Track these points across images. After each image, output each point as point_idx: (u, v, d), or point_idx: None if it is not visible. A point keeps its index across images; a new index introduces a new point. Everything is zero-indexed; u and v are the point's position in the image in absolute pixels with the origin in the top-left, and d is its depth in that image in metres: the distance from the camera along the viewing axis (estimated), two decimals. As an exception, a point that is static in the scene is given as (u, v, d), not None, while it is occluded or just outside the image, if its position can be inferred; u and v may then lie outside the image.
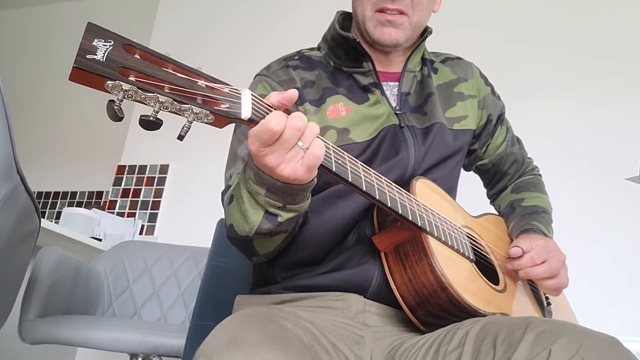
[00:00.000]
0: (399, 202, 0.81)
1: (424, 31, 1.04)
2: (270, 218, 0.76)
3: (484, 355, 0.68)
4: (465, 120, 1.06)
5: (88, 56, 0.49)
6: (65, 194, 3.55)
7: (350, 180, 0.73)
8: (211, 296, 1.26)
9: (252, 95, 0.64)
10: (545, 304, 1.06)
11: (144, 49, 0.54)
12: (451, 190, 1.04)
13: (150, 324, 1.59)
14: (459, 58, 1.15)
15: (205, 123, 0.58)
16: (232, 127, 0.93)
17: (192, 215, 2.65)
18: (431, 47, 1.13)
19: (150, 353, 1.51)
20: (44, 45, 4.05)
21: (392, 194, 0.81)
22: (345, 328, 0.85)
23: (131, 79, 0.51)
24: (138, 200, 2.82)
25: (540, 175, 1.24)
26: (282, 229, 0.78)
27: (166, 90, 0.53)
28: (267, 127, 0.63)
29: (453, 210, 0.99)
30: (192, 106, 0.55)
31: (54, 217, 3.40)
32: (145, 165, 2.88)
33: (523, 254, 0.95)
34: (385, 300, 0.88)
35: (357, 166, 0.77)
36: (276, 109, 0.67)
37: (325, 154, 0.70)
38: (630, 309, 1.96)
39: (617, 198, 2.12)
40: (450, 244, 0.88)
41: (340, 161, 0.74)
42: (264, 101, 0.67)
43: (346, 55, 1.01)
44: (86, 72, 0.49)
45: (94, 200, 3.41)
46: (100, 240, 2.44)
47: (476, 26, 2.56)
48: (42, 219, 1.33)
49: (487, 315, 0.82)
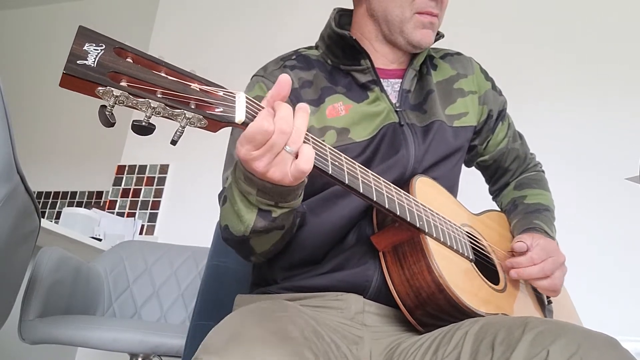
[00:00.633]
0: (397, 203, 0.81)
1: None
2: (264, 215, 0.75)
3: (482, 355, 0.68)
4: (466, 117, 1.05)
5: (78, 61, 0.48)
6: (65, 194, 3.55)
7: (347, 182, 0.73)
8: (211, 296, 1.26)
9: (247, 98, 0.63)
10: (546, 303, 1.06)
11: (136, 52, 0.53)
12: (452, 188, 1.03)
13: (150, 324, 1.60)
14: (458, 53, 1.14)
15: (199, 128, 0.57)
16: (230, 128, 0.93)
17: (192, 215, 2.65)
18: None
19: (150, 353, 1.51)
20: (44, 45, 4.04)
21: (390, 195, 0.80)
22: (344, 328, 0.85)
23: (123, 84, 0.51)
24: (138, 200, 2.82)
25: (543, 172, 1.23)
26: (278, 224, 0.78)
27: (159, 95, 0.52)
28: (261, 128, 0.62)
29: (454, 208, 0.98)
30: (185, 111, 0.54)
31: (54, 217, 3.40)
32: (145, 165, 2.88)
33: (527, 250, 0.94)
34: (385, 300, 0.88)
35: (355, 168, 0.76)
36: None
37: (322, 156, 0.70)
38: (630, 309, 1.96)
39: (617, 198, 2.12)
40: (449, 244, 0.87)
41: (337, 163, 0.73)
42: (259, 104, 0.66)
43: (343, 53, 1.00)
44: (76, 78, 0.48)
45: (94, 200, 3.41)
46: (100, 240, 2.44)
47: (476, 26, 2.55)
48: (42, 219, 1.33)
49: (486, 316, 0.82)
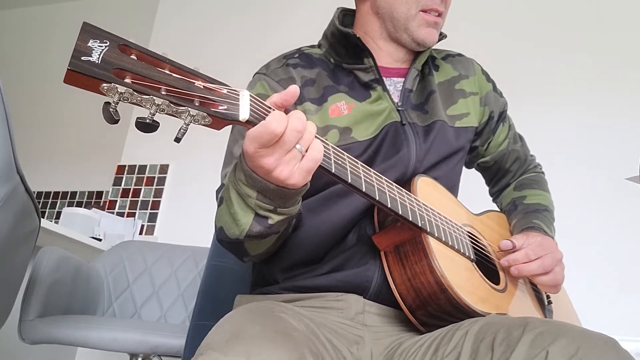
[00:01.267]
0: (399, 203, 0.81)
1: None
2: (261, 220, 0.75)
3: (482, 356, 0.68)
4: (467, 118, 1.05)
5: (83, 58, 0.48)
6: (65, 194, 3.54)
7: (349, 181, 0.73)
8: (211, 296, 1.26)
9: (251, 96, 0.63)
10: (546, 303, 1.06)
11: (140, 49, 0.53)
12: (453, 188, 1.03)
13: (150, 324, 1.59)
14: (460, 55, 1.14)
15: (203, 125, 0.57)
16: (230, 126, 0.93)
17: (192, 215, 2.65)
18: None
19: (150, 353, 1.51)
20: (44, 45, 4.04)
21: (393, 194, 0.80)
22: (344, 328, 0.84)
23: (127, 80, 0.50)
24: (138, 200, 2.82)
25: (543, 173, 1.23)
26: (273, 230, 0.77)
27: (163, 92, 0.52)
28: (269, 129, 0.62)
29: (455, 208, 0.99)
30: (189, 108, 0.54)
31: (54, 217, 3.39)
32: (145, 165, 2.88)
33: (514, 248, 0.94)
34: (385, 300, 0.88)
35: (357, 167, 0.76)
36: (278, 108, 0.66)
37: (325, 155, 0.69)
38: (630, 309, 1.96)
39: (617, 198, 2.12)
40: (450, 243, 0.87)
41: (340, 162, 0.73)
42: (263, 102, 0.65)
43: (346, 52, 1.00)
44: (81, 75, 0.48)
45: (94, 200, 3.40)
46: (100, 240, 2.44)
47: (476, 26, 2.56)
48: (42, 219, 1.33)
49: (486, 316, 0.82)
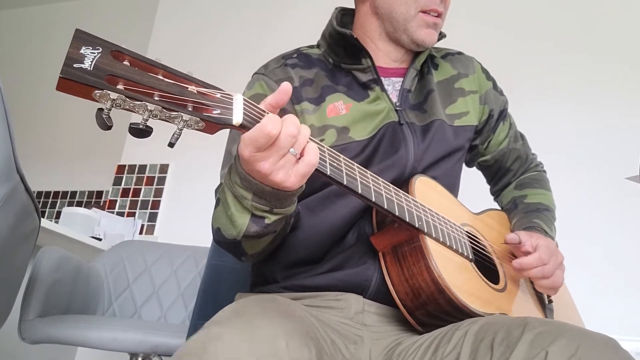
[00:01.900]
0: (396, 204, 0.80)
1: None
2: (257, 221, 0.75)
3: (481, 355, 0.68)
4: (466, 117, 1.05)
5: (75, 65, 0.48)
6: (65, 194, 3.54)
7: (345, 183, 0.73)
8: (211, 295, 1.26)
9: (245, 100, 0.63)
10: (546, 302, 1.05)
11: (133, 55, 0.53)
12: (453, 187, 1.03)
13: (150, 324, 1.60)
14: (459, 53, 1.14)
15: (196, 130, 0.57)
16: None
17: (192, 215, 2.64)
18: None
19: (150, 352, 1.51)
20: (44, 45, 4.04)
21: (389, 196, 0.80)
22: (344, 328, 0.85)
23: (119, 87, 0.50)
24: (138, 200, 2.82)
25: (545, 172, 1.22)
26: (270, 230, 0.78)
27: (155, 98, 0.52)
28: (264, 131, 0.62)
29: (454, 208, 0.98)
30: (182, 114, 0.54)
31: (54, 217, 3.39)
32: (145, 165, 2.88)
33: (520, 243, 0.94)
34: (385, 300, 0.88)
35: (353, 168, 0.76)
36: (273, 108, 0.66)
37: (320, 157, 0.69)
38: (630, 309, 1.95)
39: (617, 198, 2.11)
40: (448, 244, 0.87)
41: (335, 164, 0.73)
42: (257, 106, 0.65)
43: (345, 52, 1.00)
44: (73, 82, 0.48)
45: (94, 199, 3.40)
46: (100, 239, 2.44)
47: (475, 25, 2.55)
48: (42, 219, 1.33)
49: (486, 316, 0.82)
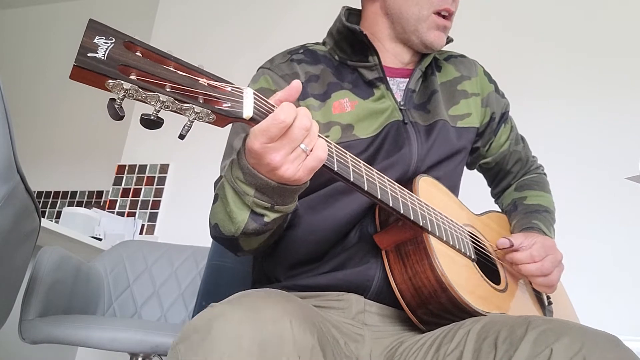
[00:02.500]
0: (401, 202, 0.81)
1: None
2: (257, 218, 0.75)
3: (485, 354, 0.68)
4: (469, 118, 1.05)
5: (89, 54, 0.48)
6: (65, 194, 3.54)
7: (352, 180, 0.73)
8: (211, 295, 1.26)
9: (255, 93, 0.63)
10: (546, 303, 1.06)
11: (145, 46, 0.53)
12: (454, 188, 1.03)
13: (151, 324, 1.59)
14: (462, 56, 1.14)
15: (207, 122, 0.57)
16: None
17: (192, 215, 2.64)
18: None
19: (150, 352, 1.51)
20: (44, 45, 4.04)
21: (394, 193, 0.80)
22: (346, 327, 0.85)
23: (132, 77, 0.51)
24: (138, 200, 2.81)
25: (545, 174, 1.23)
26: (269, 228, 0.77)
27: (167, 89, 0.52)
28: (277, 119, 0.62)
29: (456, 208, 0.99)
30: (194, 105, 0.54)
31: (54, 217, 3.39)
32: (145, 165, 2.87)
33: (512, 247, 0.94)
34: (386, 300, 0.88)
35: (359, 165, 0.77)
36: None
37: (328, 153, 0.70)
38: (630, 309, 1.96)
39: (618, 197, 2.11)
40: (451, 243, 0.87)
41: (342, 160, 0.73)
42: (267, 100, 0.66)
43: (352, 49, 1.00)
44: (87, 71, 0.48)
45: (94, 199, 3.40)
46: (100, 239, 2.44)
47: (474, 24, 2.55)
48: (42, 219, 1.33)
49: (488, 315, 0.82)
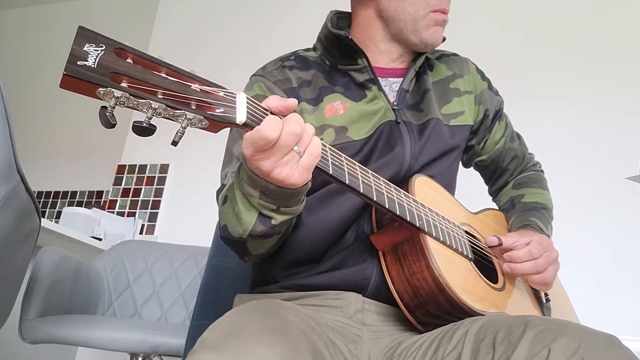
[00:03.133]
0: (397, 203, 0.81)
1: None
2: (264, 220, 0.75)
3: (483, 354, 0.68)
4: (462, 116, 1.06)
5: (79, 62, 0.48)
6: (65, 194, 3.55)
7: (347, 182, 0.73)
8: (211, 295, 1.26)
9: (248, 98, 0.63)
10: (544, 301, 1.06)
11: (136, 52, 0.53)
12: (449, 187, 1.04)
13: (151, 324, 1.60)
14: (454, 54, 1.15)
15: (199, 128, 0.57)
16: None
17: (192, 215, 2.65)
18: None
19: (150, 352, 1.51)
20: (44, 45, 4.04)
21: (390, 195, 0.80)
22: (344, 327, 0.85)
23: (123, 85, 0.50)
24: (138, 200, 2.82)
25: (542, 172, 1.23)
26: (276, 231, 0.78)
27: (159, 96, 0.52)
28: (262, 135, 0.62)
29: (452, 207, 0.99)
30: (186, 112, 0.54)
31: (54, 217, 3.40)
32: (146, 165, 2.88)
33: (501, 245, 0.94)
34: (385, 299, 0.88)
35: (355, 167, 0.77)
36: (273, 113, 0.67)
37: (322, 156, 0.70)
38: (630, 309, 1.95)
39: (618, 197, 2.11)
40: (448, 243, 0.87)
41: (337, 163, 0.73)
42: (260, 105, 0.66)
43: (340, 54, 1.01)
44: (77, 79, 0.48)
45: (94, 199, 3.40)
46: (100, 239, 2.44)
47: (474, 22, 2.55)
48: (42, 219, 1.33)
49: (486, 315, 0.82)
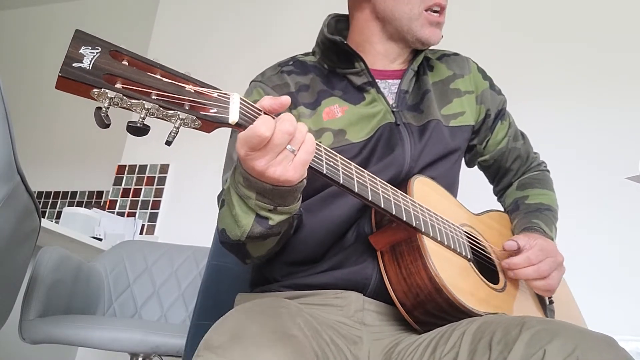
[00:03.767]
0: (393, 203, 0.81)
1: None
2: (262, 221, 0.76)
3: (480, 355, 0.68)
4: (463, 117, 1.05)
5: (74, 64, 0.49)
6: (65, 194, 3.55)
7: (341, 182, 0.73)
8: (211, 296, 1.26)
9: (241, 99, 0.64)
10: (547, 303, 1.05)
11: (131, 55, 0.54)
12: (451, 188, 1.03)
13: (151, 324, 1.60)
14: (455, 54, 1.14)
15: (193, 128, 0.57)
16: (230, 130, 0.94)
17: (193, 215, 2.65)
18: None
19: (150, 352, 1.52)
20: (44, 45, 4.05)
21: (387, 195, 0.81)
22: (343, 328, 0.85)
23: (117, 86, 0.51)
24: (138, 200, 2.82)
25: (548, 171, 1.21)
26: (274, 231, 0.78)
27: (153, 97, 0.53)
28: (256, 133, 0.63)
29: (453, 208, 0.99)
30: (179, 112, 0.55)
31: (54, 217, 3.41)
32: (146, 165, 2.88)
33: (520, 250, 0.93)
34: (385, 298, 0.88)
35: (350, 168, 0.77)
36: (267, 113, 0.67)
37: (316, 156, 0.70)
38: (631, 309, 1.95)
39: (617, 196, 2.11)
40: (446, 243, 0.87)
41: (331, 163, 0.73)
42: (254, 105, 0.66)
43: (338, 58, 1.01)
44: (72, 81, 0.48)
45: (94, 200, 3.41)
46: (100, 239, 2.45)
47: (474, 22, 2.55)
48: (43, 219, 1.34)
49: (484, 315, 0.82)
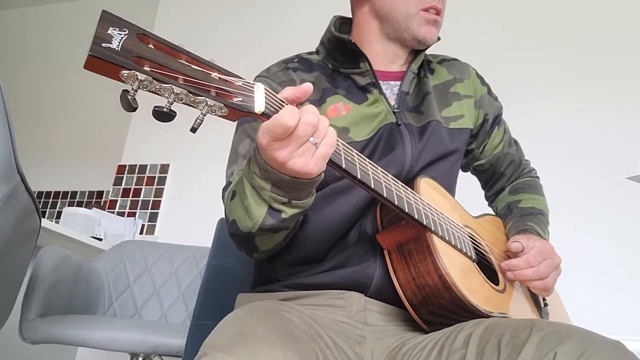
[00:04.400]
0: (405, 200, 0.81)
1: None
2: (274, 214, 0.75)
3: (488, 356, 0.68)
4: (462, 119, 1.07)
5: (103, 44, 0.48)
6: (65, 194, 3.54)
7: (359, 177, 0.73)
8: (212, 296, 1.26)
9: (265, 89, 0.63)
10: (542, 305, 1.06)
11: (158, 39, 0.54)
12: (450, 189, 1.04)
13: (151, 324, 1.59)
14: (455, 59, 1.16)
15: (219, 116, 0.57)
16: (233, 125, 0.94)
17: (193, 215, 2.65)
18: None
19: (150, 352, 1.51)
20: (44, 45, 4.04)
21: (399, 192, 0.81)
22: (346, 328, 0.85)
23: (146, 69, 0.51)
24: (138, 200, 2.81)
25: (538, 178, 1.24)
26: (285, 225, 0.78)
27: (180, 82, 0.53)
28: (281, 122, 0.62)
29: (454, 209, 1.00)
30: (207, 98, 0.55)
31: (55, 217, 3.40)
32: (146, 165, 2.87)
33: (523, 250, 0.95)
34: (387, 298, 0.88)
35: (365, 163, 0.77)
36: (289, 103, 0.67)
37: (335, 150, 0.70)
38: (631, 309, 1.95)
39: (617, 197, 2.11)
40: (453, 243, 0.88)
41: (349, 158, 0.74)
42: (277, 96, 0.66)
43: (343, 57, 1.03)
44: (101, 61, 0.48)
45: (95, 199, 3.40)
46: (100, 239, 2.44)
47: (474, 22, 2.56)
48: (43, 219, 1.33)
49: (489, 315, 0.82)
